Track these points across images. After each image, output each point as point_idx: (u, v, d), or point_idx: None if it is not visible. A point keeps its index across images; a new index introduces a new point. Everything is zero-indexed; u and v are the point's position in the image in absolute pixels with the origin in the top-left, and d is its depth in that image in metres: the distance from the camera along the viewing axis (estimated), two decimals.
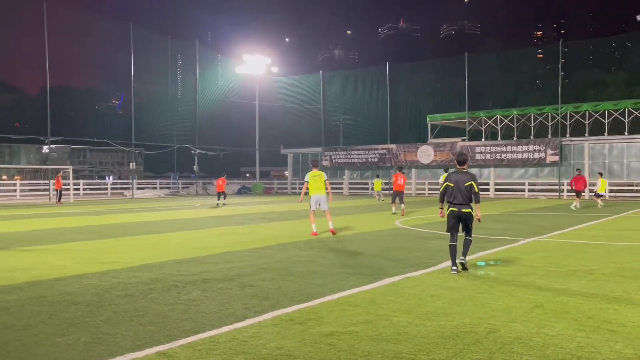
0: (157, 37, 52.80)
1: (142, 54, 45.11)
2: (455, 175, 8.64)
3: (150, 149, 52.08)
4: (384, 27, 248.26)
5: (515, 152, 36.88)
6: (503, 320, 5.61)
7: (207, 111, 52.42)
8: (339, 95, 52.74)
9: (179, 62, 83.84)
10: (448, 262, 9.32)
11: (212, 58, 56.45)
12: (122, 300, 6.64)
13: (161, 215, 21.95)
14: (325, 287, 7.30)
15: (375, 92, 50.01)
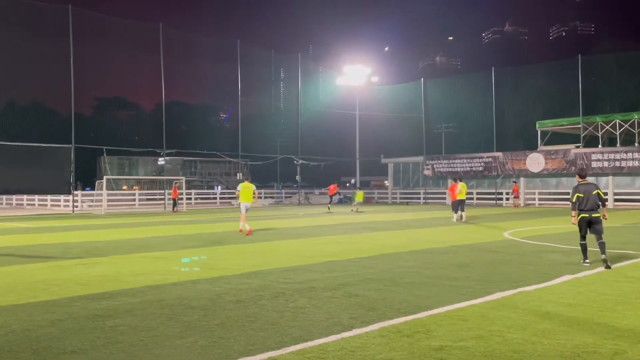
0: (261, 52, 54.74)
1: (247, 68, 47.00)
2: (583, 187, 10.21)
3: (255, 159, 53.97)
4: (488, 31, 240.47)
5: (637, 159, 34.08)
6: (631, 341, 5.17)
7: (308, 122, 53.45)
8: (441, 102, 51.65)
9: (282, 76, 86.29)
10: (565, 277, 8.79)
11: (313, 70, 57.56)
12: (234, 305, 6.89)
13: (266, 224, 22.63)
14: (432, 300, 7.13)
15: (479, 98, 48.40)
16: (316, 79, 58.41)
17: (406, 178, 48.92)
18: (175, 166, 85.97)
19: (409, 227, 20.31)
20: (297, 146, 47.75)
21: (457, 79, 59.02)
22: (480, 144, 46.28)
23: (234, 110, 49.63)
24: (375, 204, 45.88)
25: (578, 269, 9.53)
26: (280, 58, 64.57)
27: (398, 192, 48.30)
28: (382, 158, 51.42)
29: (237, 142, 43.61)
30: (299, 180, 49.51)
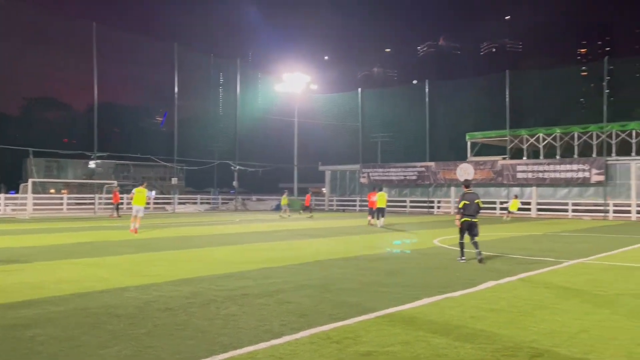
0: (200, 56, 54.09)
1: (185, 72, 46.28)
2: (468, 195, 12.12)
3: (191, 164, 53.01)
4: (423, 45, 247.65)
5: (559, 172, 36.00)
6: (546, 345, 5.47)
7: (247, 128, 53.17)
8: (378, 112, 52.70)
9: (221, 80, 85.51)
10: (489, 283, 9.17)
11: (252, 76, 57.38)
12: (163, 313, 6.76)
13: (201, 230, 22.28)
14: (363, 306, 7.26)
15: (414, 109, 49.75)
16: (255, 85, 58.25)
17: (343, 186, 49.46)
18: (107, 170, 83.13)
19: (344, 234, 20.56)
20: (234, 152, 47.32)
21: (393, 90, 60.51)
22: (414, 154, 47.51)
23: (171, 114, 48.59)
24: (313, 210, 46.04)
25: (501, 276, 9.97)
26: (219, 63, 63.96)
27: (335, 199, 48.75)
28: (319, 165, 51.79)
29: (173, 146, 42.71)
30: (236, 186, 49.05)
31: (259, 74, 61.00)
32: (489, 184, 39.00)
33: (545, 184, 36.95)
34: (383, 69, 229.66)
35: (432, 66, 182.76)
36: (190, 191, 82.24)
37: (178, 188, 58.15)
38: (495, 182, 38.40)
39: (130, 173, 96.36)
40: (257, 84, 58.68)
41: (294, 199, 51.18)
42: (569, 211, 35.91)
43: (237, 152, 47.02)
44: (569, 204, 36.12)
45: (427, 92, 45.80)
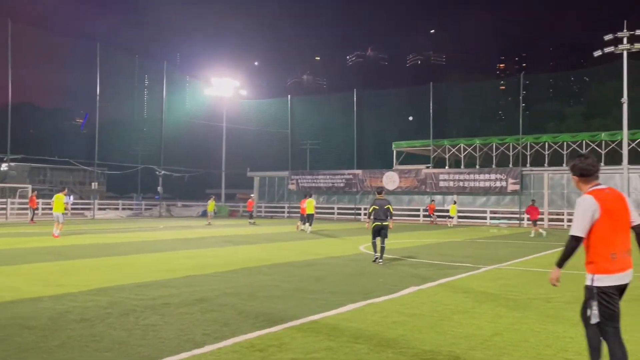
0: (124, 57, 52.37)
1: (108, 73, 44.60)
2: (379, 201, 13.36)
3: (113, 169, 51.21)
4: (352, 54, 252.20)
5: (478, 181, 37.63)
6: (463, 348, 5.67)
7: (173, 132, 51.96)
8: (307, 120, 53.07)
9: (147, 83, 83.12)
10: (412, 288, 9.41)
11: (180, 79, 56.27)
12: (78, 325, 6.45)
13: (123, 237, 21.49)
14: (288, 313, 7.26)
15: (342, 118, 50.55)
16: (183, 88, 57.09)
17: (271, 192, 49.33)
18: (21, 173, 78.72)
19: (271, 240, 20.48)
20: (159, 156, 46.07)
21: (322, 98, 61.18)
22: (342, 161, 48.23)
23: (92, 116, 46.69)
24: (240, 217, 45.63)
25: (423, 281, 10.27)
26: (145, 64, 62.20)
27: (263, 205, 48.51)
28: (248, 171, 51.42)
29: (94, 149, 41.01)
30: (160, 192, 47.75)
31: (187, 77, 59.82)
32: (413, 192, 40.19)
33: (465, 192, 38.50)
34: (313, 76, 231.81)
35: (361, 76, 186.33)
36: (112, 196, 79.29)
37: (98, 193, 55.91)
38: (419, 190, 39.62)
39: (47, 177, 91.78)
40: (185, 87, 57.53)
41: (221, 205, 50.50)
42: (487, 219, 37.57)
43: (162, 157, 45.80)
44: (487, 211, 37.80)
45: (355, 101, 46.60)
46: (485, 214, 37.83)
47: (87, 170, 52.06)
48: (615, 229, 4.29)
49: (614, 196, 4.40)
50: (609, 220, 4.27)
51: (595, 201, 4.29)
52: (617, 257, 4.29)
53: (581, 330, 6.58)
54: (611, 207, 4.31)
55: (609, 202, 4.32)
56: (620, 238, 4.32)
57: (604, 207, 4.27)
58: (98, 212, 41.73)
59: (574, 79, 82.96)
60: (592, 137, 36.62)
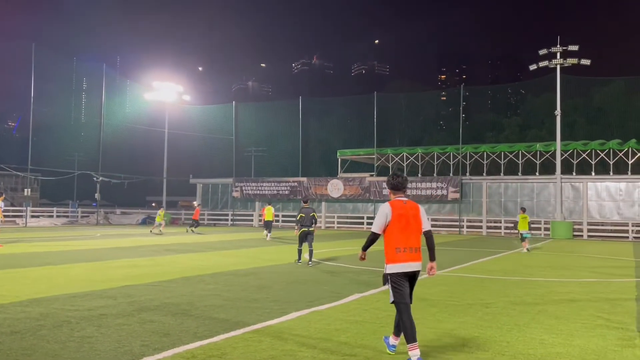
0: (61, 58, 50.57)
1: (44, 75, 42.87)
2: (305, 210, 15.00)
3: (48, 174, 49.14)
4: (297, 62, 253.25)
5: (420, 189, 38.43)
6: (404, 353, 5.73)
7: (112, 137, 50.48)
8: (252, 126, 52.75)
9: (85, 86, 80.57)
10: (355, 295, 9.46)
11: (120, 83, 54.83)
12: (8, 337, 6.11)
13: (57, 245, 20.60)
14: (230, 322, 7.14)
15: (287, 125, 50.53)
16: (123, 92, 55.63)
17: (215, 199, 48.63)
18: None
19: (214, 249, 20.15)
20: (98, 162, 44.56)
21: (267, 105, 60.99)
22: (288, 169, 48.19)
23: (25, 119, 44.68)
24: (182, 225, 44.72)
25: (366, 288, 10.35)
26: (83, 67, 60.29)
27: (206, 213, 47.73)
28: (191, 178, 50.52)
29: (27, 154, 39.22)
30: (98, 199, 46.13)
31: (128, 81, 58.31)
32: (357, 200, 40.59)
33: None
34: (258, 83, 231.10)
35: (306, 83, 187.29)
36: (46, 203, 76.02)
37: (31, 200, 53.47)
38: (363, 197, 40.05)
39: None
40: (126, 91, 56.10)
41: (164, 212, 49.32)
42: None
43: (100, 163, 44.34)
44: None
45: (300, 108, 46.71)
46: None
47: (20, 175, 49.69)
48: (403, 230, 5.52)
49: (409, 206, 5.63)
50: (398, 224, 5.51)
51: (390, 208, 5.54)
52: (401, 251, 5.51)
53: (518, 334, 6.82)
54: (402, 214, 5.51)
55: (402, 210, 5.54)
56: (407, 237, 5.53)
57: (395, 213, 5.50)
58: (31, 219, 39.90)
59: (511, 91, 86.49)
60: (527, 148, 38.14)
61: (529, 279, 12.48)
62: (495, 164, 38.54)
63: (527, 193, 36.12)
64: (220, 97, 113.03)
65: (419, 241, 5.66)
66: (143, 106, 51.95)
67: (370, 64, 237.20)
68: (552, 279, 12.66)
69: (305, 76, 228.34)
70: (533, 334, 6.85)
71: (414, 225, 5.59)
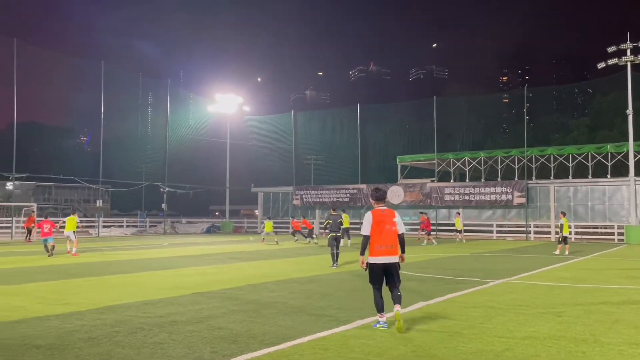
0: (128, 75, 52.75)
1: (113, 91, 44.90)
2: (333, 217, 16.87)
3: (118, 186, 51.29)
4: (354, 69, 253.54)
5: (483, 194, 37.50)
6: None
7: (177, 149, 52.11)
8: (311, 135, 53.17)
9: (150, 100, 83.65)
10: (420, 304, 9.33)
11: (183, 96, 56.46)
12: (86, 343, 6.41)
13: (128, 254, 21.47)
14: (296, 330, 7.19)
15: (346, 132, 50.58)
16: (187, 105, 57.31)
17: (276, 207, 49.27)
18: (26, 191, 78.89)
19: (276, 257, 20.40)
20: (164, 173, 46.16)
21: (325, 113, 61.33)
22: (347, 176, 48.16)
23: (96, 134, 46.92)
24: (244, 234, 45.56)
25: (431, 296, 10.18)
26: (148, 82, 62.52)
27: None
28: (252, 187, 51.42)
29: (98, 167, 41.14)
30: (165, 209, 47.75)
31: (191, 95, 60.08)
32: (418, 206, 40.01)
33: (471, 206, 38.36)
34: (316, 91, 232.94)
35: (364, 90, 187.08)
36: (116, 214, 79.40)
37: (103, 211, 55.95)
38: (424, 204, 39.45)
39: (51, 195, 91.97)
40: (189, 104, 57.78)
41: (226, 221, 50.46)
42: (494, 232, 37.38)
43: (166, 174, 45.90)
44: (493, 225, 37.62)
45: (358, 115, 46.69)
46: (492, 228, 37.65)
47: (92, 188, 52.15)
48: (381, 232, 7.20)
49: (387, 213, 7.35)
50: (377, 227, 7.22)
51: (372, 215, 7.30)
52: (380, 248, 7.18)
53: (594, 344, 6.50)
54: (380, 220, 7.25)
55: (380, 217, 7.27)
56: (384, 238, 7.19)
57: (375, 219, 7.25)
58: (103, 229, 41.76)
59: (577, 91, 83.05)
60: (597, 149, 36.51)
61: (603, 287, 11.91)
62: (563, 166, 37.10)
63: (598, 196, 34.54)
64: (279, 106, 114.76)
65: (394, 240, 7.26)
66: (205, 118, 53.48)
67: (428, 68, 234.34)
68: (629, 287, 12.03)
69: (362, 83, 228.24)
70: (611, 344, 6.53)
71: (389, 228, 7.25)
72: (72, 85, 56.93)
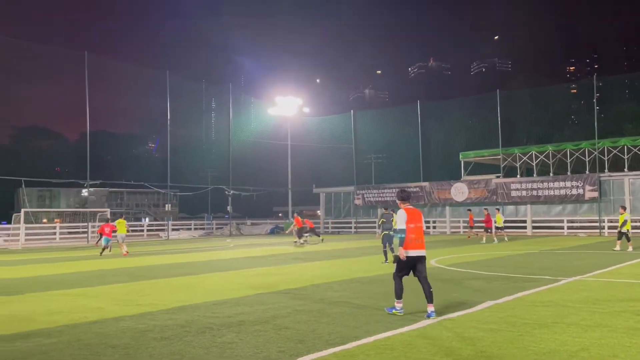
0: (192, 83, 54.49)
1: (177, 98, 46.45)
2: (386, 215, 17.31)
3: (185, 190, 52.96)
4: (413, 66, 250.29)
5: (552, 189, 36.11)
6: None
7: (240, 153, 53.28)
8: (371, 134, 52.95)
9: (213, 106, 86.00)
10: (487, 303, 9.10)
11: (245, 101, 57.72)
12: (159, 343, 6.65)
13: (196, 256, 22.12)
14: (361, 330, 7.18)
15: (406, 130, 50.05)
16: (248, 109, 58.51)
17: (338, 207, 49.38)
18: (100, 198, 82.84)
19: (339, 256, 20.44)
20: (228, 176, 47.27)
21: (385, 112, 60.89)
22: (408, 174, 47.64)
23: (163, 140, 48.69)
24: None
25: (499, 295, 9.90)
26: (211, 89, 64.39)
27: (330, 221, 48.63)
28: (314, 188, 51.77)
29: (166, 172, 42.66)
30: (230, 211, 48.88)
31: (252, 99, 61.28)
32: (483, 203, 38.98)
33: (539, 202, 37.03)
34: (375, 90, 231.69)
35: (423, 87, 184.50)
36: (184, 217, 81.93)
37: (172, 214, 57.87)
38: (490, 200, 38.40)
39: (123, 200, 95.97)
40: (250, 108, 58.95)
41: (288, 222, 51.03)
42: (564, 228, 35.93)
43: (230, 177, 46.98)
44: (564, 220, 36.17)
45: (419, 112, 46.09)
46: (562, 224, 36.20)
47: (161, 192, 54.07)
48: (413, 228, 8.08)
49: (416, 212, 8.36)
50: (410, 223, 8.08)
51: (405, 212, 8.19)
52: (413, 242, 8.02)
53: None
54: (413, 217, 8.19)
55: (412, 214, 8.23)
56: (416, 233, 8.09)
57: (409, 216, 8.15)
58: (172, 232, 43.21)
59: None
60: None
61: None
62: (638, 158, 35.15)
63: None
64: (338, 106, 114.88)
65: (423, 235, 8.24)
66: (266, 121, 54.34)
67: (490, 61, 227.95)
68: None
69: (422, 79, 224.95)
70: None
71: (420, 225, 8.22)
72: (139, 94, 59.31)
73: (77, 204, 74.21)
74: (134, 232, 45.03)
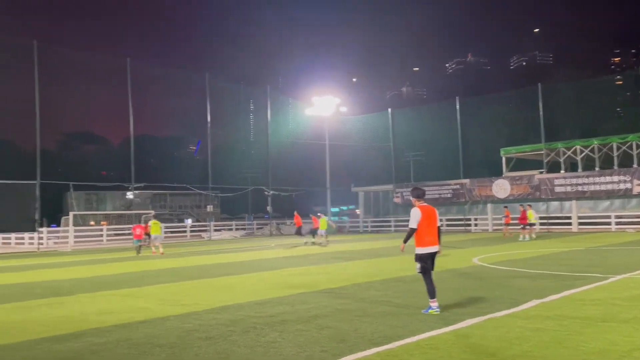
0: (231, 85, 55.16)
1: (217, 100, 47.11)
2: None
3: (226, 191, 53.65)
4: (451, 61, 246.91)
5: (599, 184, 35.04)
6: None
7: (278, 153, 53.62)
8: (409, 132, 52.46)
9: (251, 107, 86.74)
10: (533, 302, 8.92)
11: (282, 102, 58.00)
12: (204, 342, 6.78)
13: (238, 256, 22.41)
14: (404, 329, 7.14)
15: (445, 127, 49.36)
16: (285, 110, 58.82)
17: (377, 206, 49.19)
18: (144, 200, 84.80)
19: (379, 255, 20.37)
20: (267, 177, 47.71)
21: (423, 109, 60.19)
22: (448, 172, 46.97)
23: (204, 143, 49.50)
24: (347, 233, 45.93)
25: (545, 294, 9.69)
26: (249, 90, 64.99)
27: (369, 220, 48.47)
28: (352, 187, 51.68)
29: (207, 174, 43.37)
30: (270, 211, 49.29)
31: (289, 99, 61.57)
32: (526, 199, 38.13)
33: (585, 197, 35.99)
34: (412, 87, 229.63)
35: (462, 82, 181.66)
36: (226, 217, 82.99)
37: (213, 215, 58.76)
38: (533, 196, 37.56)
39: (167, 202, 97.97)
40: (288, 109, 59.24)
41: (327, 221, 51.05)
42: (612, 224, 34.81)
43: (269, 177, 47.39)
44: (611, 216, 35.05)
45: (457, 109, 45.44)
46: (610, 219, 35.08)
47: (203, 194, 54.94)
48: (428, 225, 8.32)
49: (431, 209, 8.46)
50: (425, 221, 8.30)
51: (420, 211, 8.32)
52: (428, 239, 8.31)
53: None
54: (427, 215, 8.34)
55: (427, 212, 8.35)
56: (430, 230, 8.34)
57: (423, 214, 8.30)
58: (214, 233, 43.88)
59: None
60: None
61: None
62: None
63: None
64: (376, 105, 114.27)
65: (437, 232, 8.47)
66: (304, 121, 54.56)
67: (530, 54, 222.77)
68: None
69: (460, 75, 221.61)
70: None
71: (433, 222, 8.41)
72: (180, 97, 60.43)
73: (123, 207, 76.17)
74: (177, 233, 45.92)
